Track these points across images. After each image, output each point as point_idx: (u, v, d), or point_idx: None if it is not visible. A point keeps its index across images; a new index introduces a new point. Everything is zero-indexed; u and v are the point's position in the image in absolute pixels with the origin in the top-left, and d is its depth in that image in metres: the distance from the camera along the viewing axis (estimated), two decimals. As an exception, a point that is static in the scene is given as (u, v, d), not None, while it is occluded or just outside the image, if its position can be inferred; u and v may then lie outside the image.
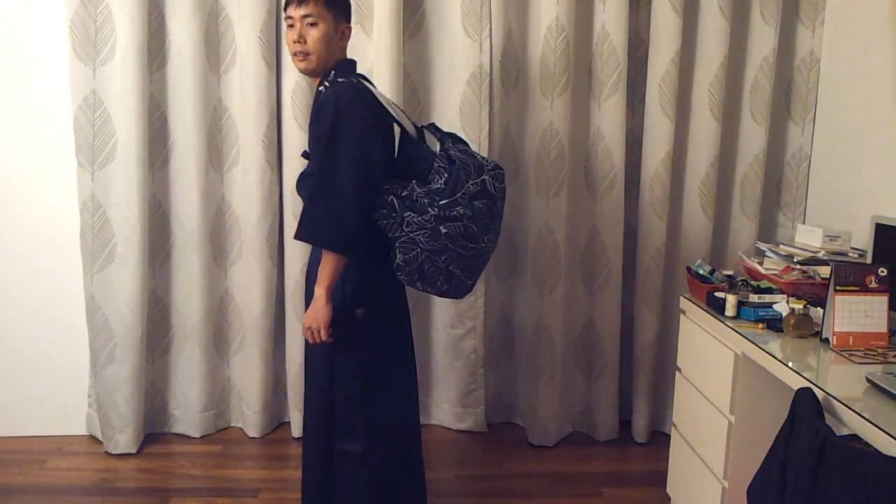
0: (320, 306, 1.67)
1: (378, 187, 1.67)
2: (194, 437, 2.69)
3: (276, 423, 2.80)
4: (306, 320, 1.70)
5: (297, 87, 2.48)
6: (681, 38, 2.50)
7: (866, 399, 1.36)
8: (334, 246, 1.65)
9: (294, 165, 2.53)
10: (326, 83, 1.73)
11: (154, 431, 2.72)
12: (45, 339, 2.64)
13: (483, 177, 1.68)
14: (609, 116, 2.56)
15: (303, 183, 1.78)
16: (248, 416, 2.71)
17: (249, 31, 2.43)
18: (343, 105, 1.64)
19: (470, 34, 2.51)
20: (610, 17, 2.49)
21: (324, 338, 1.69)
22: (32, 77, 2.51)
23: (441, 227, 1.65)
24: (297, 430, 2.71)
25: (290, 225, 2.57)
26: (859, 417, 1.27)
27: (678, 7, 2.47)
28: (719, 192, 2.68)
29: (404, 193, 1.67)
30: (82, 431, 2.71)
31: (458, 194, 1.65)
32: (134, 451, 2.58)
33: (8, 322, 2.63)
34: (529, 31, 2.60)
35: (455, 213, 1.65)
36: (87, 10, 2.37)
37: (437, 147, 1.74)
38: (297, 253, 2.58)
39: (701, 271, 2.14)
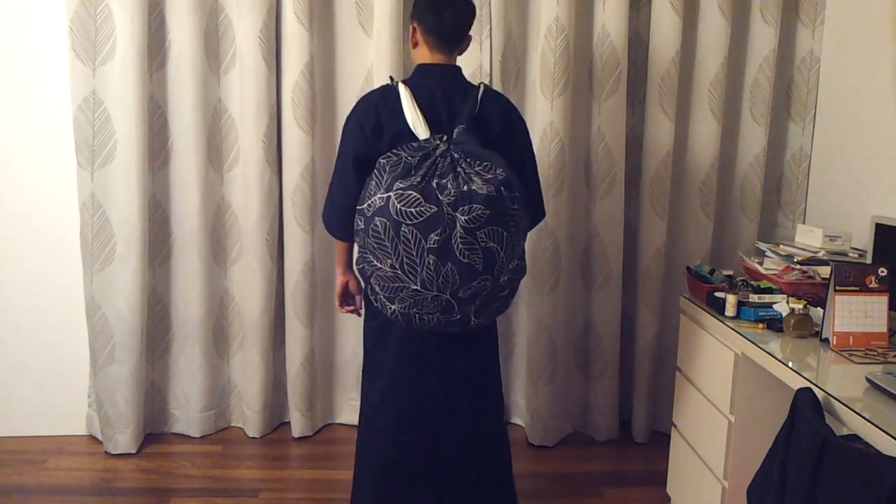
0: (337, 278, 1.93)
1: (351, 183, 1.71)
2: (194, 437, 2.70)
3: (276, 423, 2.80)
4: None
5: (296, 87, 2.48)
6: (681, 38, 2.50)
7: (866, 399, 1.36)
8: (327, 227, 1.84)
9: (294, 165, 2.53)
10: None
11: (154, 431, 2.72)
12: (45, 339, 2.64)
13: (389, 194, 1.55)
14: (609, 116, 2.56)
15: None
16: (248, 416, 2.71)
17: (249, 31, 2.43)
18: (352, 109, 1.78)
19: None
20: (610, 17, 2.49)
21: (337, 305, 1.95)
22: (32, 77, 2.51)
23: (355, 236, 1.69)
24: (297, 429, 2.71)
25: (291, 225, 2.57)
26: (859, 417, 1.27)
27: (678, 7, 2.47)
28: (719, 191, 2.68)
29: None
30: (82, 431, 2.71)
31: (364, 204, 1.61)
32: (134, 451, 2.58)
33: (8, 322, 2.63)
34: (529, 31, 2.60)
35: (357, 223, 1.65)
36: (87, 10, 2.37)
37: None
38: (297, 253, 2.58)
39: (701, 271, 2.14)
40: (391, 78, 1.77)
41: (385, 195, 1.56)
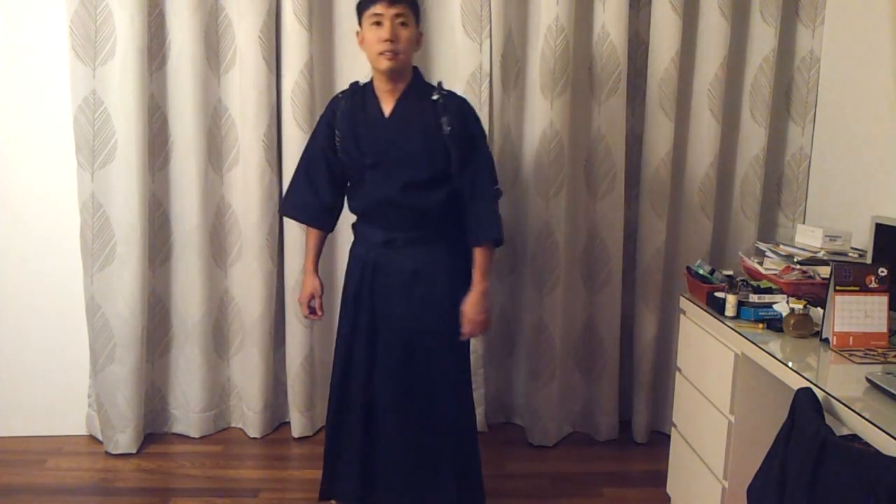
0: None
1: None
2: (194, 438, 2.70)
3: (276, 424, 2.80)
4: None
5: (296, 87, 2.48)
6: (681, 38, 2.50)
7: (866, 399, 1.36)
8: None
9: (294, 165, 2.52)
10: (437, 91, 1.91)
11: (154, 431, 2.72)
12: (45, 339, 2.64)
13: None
14: (609, 116, 2.56)
15: None
16: (249, 417, 2.71)
17: (249, 31, 2.43)
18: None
19: (470, 34, 2.51)
20: (610, 17, 2.49)
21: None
22: (32, 77, 2.51)
23: None
24: (297, 430, 2.71)
25: (290, 225, 2.57)
26: (859, 417, 1.27)
27: (678, 7, 2.47)
28: (719, 192, 2.68)
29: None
30: (82, 431, 2.71)
31: None
32: (134, 451, 2.58)
33: (8, 322, 2.63)
34: (529, 31, 2.60)
35: None
36: (87, 10, 2.37)
37: None
38: (297, 253, 2.58)
39: (701, 271, 2.14)
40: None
41: None
